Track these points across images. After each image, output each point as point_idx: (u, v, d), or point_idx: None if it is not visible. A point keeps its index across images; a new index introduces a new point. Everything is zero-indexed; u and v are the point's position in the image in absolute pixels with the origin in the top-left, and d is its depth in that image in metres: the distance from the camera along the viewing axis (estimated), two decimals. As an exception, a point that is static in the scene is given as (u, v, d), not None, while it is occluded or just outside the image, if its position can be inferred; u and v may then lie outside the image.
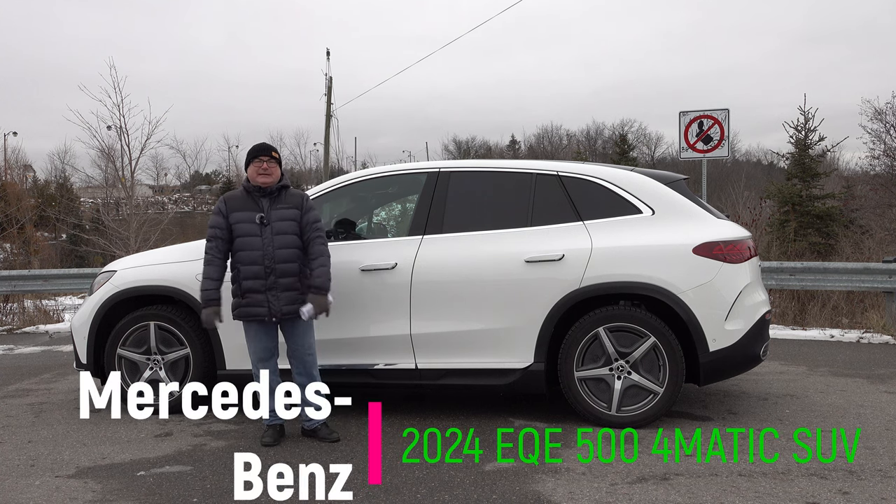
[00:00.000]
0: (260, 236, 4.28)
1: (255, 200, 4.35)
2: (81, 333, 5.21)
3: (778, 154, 16.63)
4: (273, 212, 4.32)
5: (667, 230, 4.58)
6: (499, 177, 5.01)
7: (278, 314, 4.29)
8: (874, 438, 4.31)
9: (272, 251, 4.27)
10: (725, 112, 10.37)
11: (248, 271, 4.28)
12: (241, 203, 4.36)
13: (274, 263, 4.27)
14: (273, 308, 4.27)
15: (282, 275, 4.28)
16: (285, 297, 4.28)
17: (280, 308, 4.28)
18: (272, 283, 4.26)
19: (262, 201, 4.34)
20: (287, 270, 4.30)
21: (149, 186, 57.23)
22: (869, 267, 8.82)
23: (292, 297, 4.30)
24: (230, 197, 4.44)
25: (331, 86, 31.00)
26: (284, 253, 4.29)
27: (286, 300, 4.28)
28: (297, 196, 4.44)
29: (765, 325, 4.71)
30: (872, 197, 19.47)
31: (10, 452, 4.36)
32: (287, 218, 4.34)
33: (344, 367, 4.79)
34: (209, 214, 18.69)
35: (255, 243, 4.28)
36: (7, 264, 21.10)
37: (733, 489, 3.53)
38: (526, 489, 3.59)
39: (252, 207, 4.33)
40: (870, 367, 6.46)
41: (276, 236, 4.29)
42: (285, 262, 4.29)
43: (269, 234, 4.28)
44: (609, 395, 4.53)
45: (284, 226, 4.32)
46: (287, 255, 4.30)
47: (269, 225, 4.29)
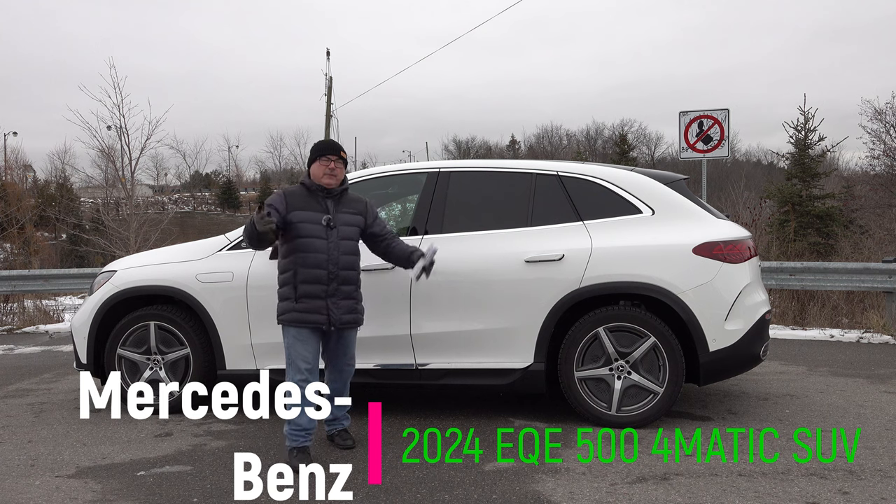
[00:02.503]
0: (325, 239, 4.02)
1: (318, 201, 4.08)
2: (81, 333, 5.21)
3: (778, 154, 16.62)
4: (339, 215, 4.09)
5: (667, 230, 4.58)
6: (499, 177, 5.02)
7: (338, 323, 4.05)
8: (874, 438, 4.31)
9: (337, 256, 4.04)
10: (725, 112, 10.37)
11: (309, 275, 4.00)
12: (303, 201, 4.07)
13: (338, 269, 4.04)
14: (333, 316, 4.03)
15: (344, 282, 4.07)
16: (345, 306, 4.08)
17: (340, 317, 4.05)
18: (334, 289, 4.03)
19: (326, 202, 4.09)
20: (349, 278, 4.10)
21: (149, 186, 57.21)
22: (869, 267, 8.83)
23: (350, 305, 4.11)
24: (291, 193, 4.12)
25: (331, 86, 31.06)
26: (348, 259, 4.10)
27: (345, 308, 4.08)
28: (361, 202, 4.23)
29: (765, 326, 4.71)
30: (872, 197, 19.51)
31: (10, 452, 4.36)
32: (352, 224, 4.14)
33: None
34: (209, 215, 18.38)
35: (319, 246, 4.01)
36: (7, 264, 21.12)
37: (733, 489, 3.53)
38: (526, 489, 3.59)
39: (316, 208, 4.06)
40: (870, 367, 6.46)
41: (341, 241, 4.07)
42: (348, 268, 4.09)
43: (335, 238, 4.04)
44: (609, 395, 4.53)
45: (350, 231, 4.12)
46: (350, 262, 4.11)
47: (335, 228, 4.06)
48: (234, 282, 4.89)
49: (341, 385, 4.29)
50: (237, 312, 4.89)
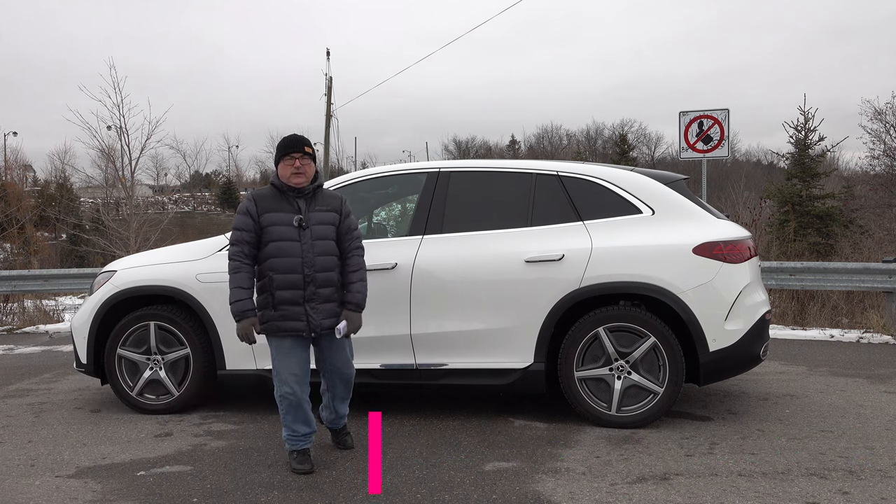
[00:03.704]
0: (299, 241, 3.82)
1: (289, 201, 3.88)
2: (81, 333, 5.21)
3: (778, 154, 16.63)
4: (311, 214, 3.88)
5: (667, 230, 4.58)
6: (499, 177, 5.01)
7: (318, 328, 3.85)
8: (874, 438, 4.31)
9: (312, 258, 3.82)
10: (725, 112, 10.37)
11: (284, 280, 3.80)
12: (274, 203, 3.87)
13: (314, 272, 3.82)
14: (312, 322, 3.82)
15: (322, 284, 3.85)
16: (324, 310, 3.86)
17: (320, 322, 3.84)
18: (311, 293, 3.82)
19: (297, 202, 3.89)
20: (327, 280, 3.87)
21: (149, 186, 57.22)
22: (869, 267, 8.82)
23: (331, 309, 3.89)
24: (260, 196, 3.92)
25: (331, 86, 31.07)
26: (325, 260, 3.87)
27: (325, 313, 3.86)
28: (336, 198, 4.02)
29: (765, 326, 4.71)
30: (872, 197, 19.51)
31: (10, 452, 4.36)
32: (326, 222, 3.91)
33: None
34: (209, 215, 18.40)
35: (292, 249, 3.81)
36: (7, 264, 21.12)
37: (733, 489, 3.53)
38: (526, 489, 3.59)
39: (287, 209, 3.86)
40: (870, 367, 6.46)
41: (315, 241, 3.84)
42: (325, 270, 3.87)
43: (308, 240, 3.83)
44: (609, 395, 4.53)
45: (324, 230, 3.89)
46: (327, 263, 3.88)
47: (308, 229, 3.84)
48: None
49: (342, 389, 4.14)
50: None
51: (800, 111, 14.59)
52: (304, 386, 3.89)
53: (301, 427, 3.90)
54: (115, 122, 15.40)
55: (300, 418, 3.89)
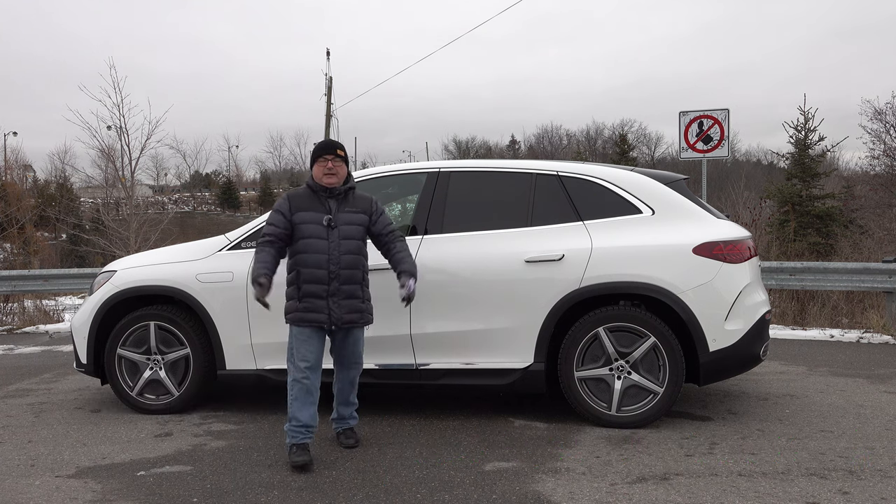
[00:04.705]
0: (326, 239, 4.05)
1: (321, 201, 4.12)
2: (81, 333, 5.21)
3: (778, 154, 16.61)
4: (340, 214, 4.11)
5: (667, 230, 4.58)
6: (499, 177, 5.01)
7: (339, 322, 4.06)
8: (874, 438, 4.31)
9: (338, 256, 4.05)
10: (725, 112, 10.37)
11: (311, 275, 4.04)
12: (306, 202, 4.12)
13: (339, 269, 4.05)
14: (334, 315, 4.04)
15: (345, 281, 4.06)
16: (347, 305, 4.07)
17: (341, 316, 4.05)
18: (335, 289, 4.04)
19: (329, 202, 4.12)
20: (351, 277, 4.09)
21: (149, 186, 57.21)
22: (869, 267, 8.82)
23: (353, 304, 4.10)
24: (295, 195, 4.18)
25: (331, 86, 31.08)
26: (349, 258, 4.09)
27: (347, 308, 4.07)
28: (366, 200, 4.23)
29: (765, 326, 4.71)
30: (872, 197, 19.51)
31: (10, 452, 4.36)
32: (355, 223, 4.14)
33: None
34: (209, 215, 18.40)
35: (320, 246, 4.04)
36: (7, 264, 21.12)
37: (733, 489, 3.53)
38: (526, 489, 3.59)
39: (319, 208, 4.10)
40: (870, 367, 6.46)
41: (342, 241, 4.07)
42: (350, 267, 4.08)
43: (335, 238, 4.06)
44: (609, 395, 4.53)
45: (351, 230, 4.12)
46: (352, 261, 4.10)
47: (335, 228, 4.07)
48: (234, 282, 4.89)
49: (348, 385, 4.30)
50: (237, 312, 4.89)
51: (800, 111, 14.59)
52: (315, 374, 4.06)
53: (305, 417, 4.00)
54: (115, 122, 15.44)
55: (307, 408, 4.01)
